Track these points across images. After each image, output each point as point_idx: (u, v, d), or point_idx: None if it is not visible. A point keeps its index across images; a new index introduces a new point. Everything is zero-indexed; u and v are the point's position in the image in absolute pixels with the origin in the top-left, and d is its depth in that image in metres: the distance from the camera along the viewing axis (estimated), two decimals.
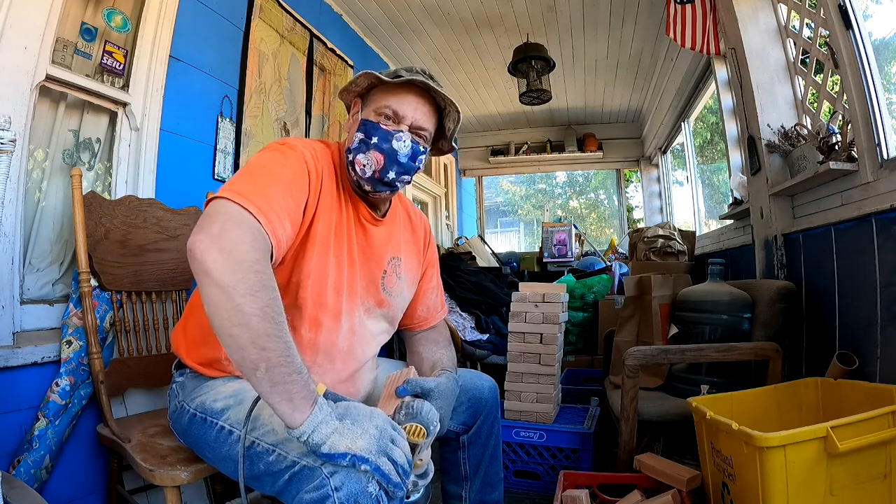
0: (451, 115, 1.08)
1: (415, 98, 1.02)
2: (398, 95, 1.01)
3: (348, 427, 0.74)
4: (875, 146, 1.42)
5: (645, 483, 1.37)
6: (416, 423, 0.82)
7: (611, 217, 11.07)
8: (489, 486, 1.21)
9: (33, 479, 1.16)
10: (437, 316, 1.27)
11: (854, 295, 1.45)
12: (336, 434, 0.73)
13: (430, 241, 1.27)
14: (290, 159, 0.94)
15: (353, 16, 3.03)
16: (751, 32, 1.97)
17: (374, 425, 0.75)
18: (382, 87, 1.03)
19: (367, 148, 0.99)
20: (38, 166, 1.38)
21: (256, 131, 2.13)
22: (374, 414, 0.78)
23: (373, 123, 1.01)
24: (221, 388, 0.98)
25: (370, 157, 0.99)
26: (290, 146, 0.96)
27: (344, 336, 1.04)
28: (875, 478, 1.02)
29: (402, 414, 0.84)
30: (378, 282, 1.10)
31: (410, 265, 1.19)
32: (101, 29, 1.51)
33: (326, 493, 0.72)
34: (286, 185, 0.89)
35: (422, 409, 0.84)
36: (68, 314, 1.30)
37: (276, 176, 0.89)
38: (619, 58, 3.63)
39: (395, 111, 1.00)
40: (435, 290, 1.28)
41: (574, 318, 3.18)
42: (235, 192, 0.81)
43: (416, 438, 0.81)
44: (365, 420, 0.76)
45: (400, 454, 0.75)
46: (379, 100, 1.02)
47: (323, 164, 1.01)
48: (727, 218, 2.52)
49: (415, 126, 1.02)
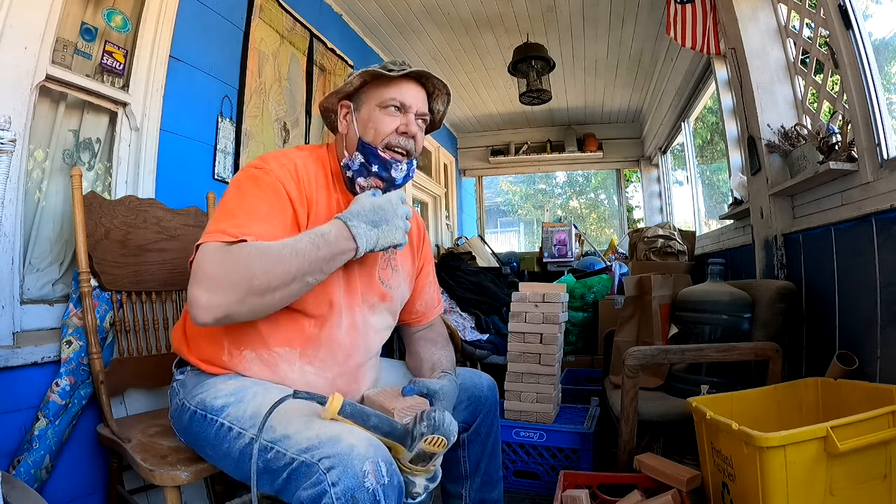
0: (440, 97, 1.14)
1: (415, 88, 1.07)
2: (400, 87, 1.05)
3: (384, 230, 0.93)
4: (875, 146, 1.42)
5: (645, 483, 1.37)
6: (438, 434, 0.83)
7: (611, 217, 11.07)
8: (489, 484, 1.22)
9: (33, 479, 1.16)
10: (435, 311, 1.29)
11: (854, 295, 1.45)
12: (381, 239, 0.92)
13: (424, 238, 1.29)
14: (266, 189, 0.96)
15: (353, 16, 3.03)
16: (751, 32, 1.97)
17: (398, 216, 0.95)
18: (378, 83, 1.06)
19: (368, 174, 1.05)
20: (38, 166, 1.38)
21: (256, 131, 2.13)
22: (396, 210, 0.95)
23: (371, 149, 1.03)
24: (222, 385, 0.98)
25: (370, 182, 1.05)
26: (265, 171, 0.98)
27: (345, 331, 1.05)
28: (875, 478, 1.02)
29: (423, 425, 0.84)
30: (375, 276, 1.11)
31: (405, 260, 1.20)
32: (101, 29, 1.51)
33: (324, 489, 0.72)
34: (265, 217, 0.92)
35: (443, 420, 0.84)
36: (68, 314, 1.30)
37: (253, 211, 0.92)
38: (619, 58, 3.63)
39: (402, 102, 1.04)
40: (431, 285, 1.30)
41: (574, 318, 3.18)
42: (218, 232, 0.87)
43: (436, 448, 0.83)
44: (393, 218, 0.94)
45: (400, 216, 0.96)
46: (379, 94, 1.05)
47: (309, 176, 1.03)
48: (727, 218, 2.52)
49: (419, 113, 1.07)
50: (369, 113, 1.05)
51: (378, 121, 1.04)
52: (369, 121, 1.05)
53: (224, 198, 0.97)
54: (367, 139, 1.04)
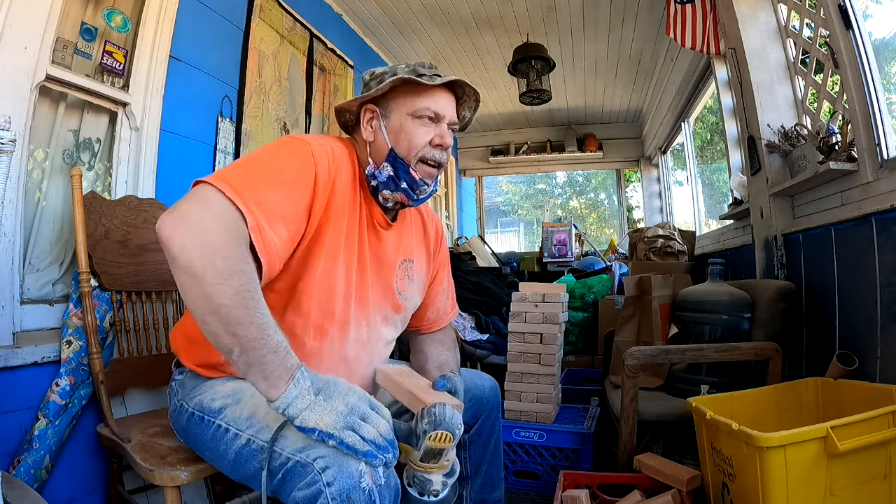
0: (467, 103, 1.09)
1: (447, 96, 1.03)
2: (434, 97, 1.00)
3: (320, 403, 0.75)
4: (875, 146, 1.42)
5: (645, 483, 1.37)
6: (441, 430, 0.83)
7: (611, 217, 11.07)
8: (490, 485, 1.21)
9: (33, 479, 1.16)
10: (447, 318, 1.26)
11: (854, 295, 1.45)
12: (308, 410, 0.75)
13: (442, 243, 1.24)
14: (297, 157, 0.90)
15: (353, 16, 3.03)
16: (751, 32, 1.97)
17: (346, 402, 0.76)
18: (408, 88, 0.99)
19: (396, 188, 1.00)
20: (38, 166, 1.38)
21: (256, 131, 2.13)
22: (352, 391, 0.79)
23: (404, 164, 0.98)
24: (220, 387, 0.98)
25: (396, 196, 1.01)
26: (302, 141, 0.93)
27: (350, 345, 1.02)
28: (875, 478, 1.02)
29: (425, 422, 0.84)
30: (393, 287, 1.08)
31: (420, 268, 1.17)
32: (101, 29, 1.51)
33: (319, 490, 0.72)
34: (286, 187, 0.86)
35: (444, 415, 0.84)
36: (68, 314, 1.30)
37: (276, 175, 0.85)
38: (619, 58, 3.63)
39: (436, 112, 1.00)
40: (445, 292, 1.26)
41: (574, 318, 3.18)
42: (224, 182, 0.79)
43: (442, 444, 0.83)
44: (338, 397, 0.77)
45: (369, 429, 0.75)
46: (412, 102, 0.99)
47: (340, 164, 0.97)
48: (727, 218, 2.52)
49: (451, 123, 1.03)
50: (400, 122, 0.99)
51: (412, 132, 0.98)
52: (401, 131, 0.99)
53: (251, 153, 0.91)
54: (401, 152, 0.98)
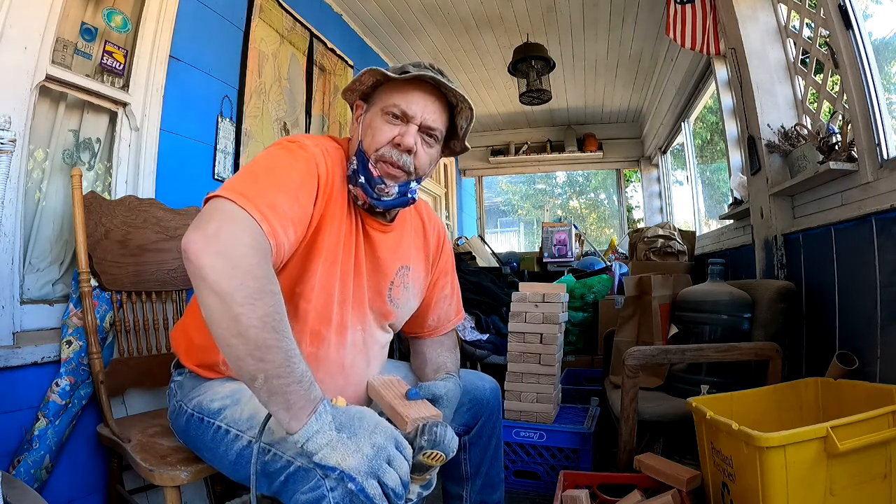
0: (463, 112, 1.00)
1: (424, 96, 0.95)
2: (406, 93, 0.94)
3: (343, 441, 0.70)
4: (875, 146, 1.42)
5: (645, 483, 1.37)
6: (437, 450, 0.81)
7: (611, 217, 11.07)
8: (490, 486, 1.21)
9: (33, 479, 1.16)
10: (450, 325, 1.23)
11: (854, 295, 1.45)
12: (329, 447, 0.70)
13: (444, 249, 1.20)
14: (300, 161, 0.88)
15: (353, 16, 3.03)
16: (751, 32, 1.97)
17: (372, 443, 0.71)
18: (389, 85, 0.96)
19: (356, 183, 0.95)
20: (38, 166, 1.38)
21: (256, 131, 2.13)
22: (378, 429, 0.73)
23: (364, 158, 0.94)
24: (219, 388, 0.97)
25: (358, 192, 0.96)
26: (300, 145, 0.91)
27: (347, 350, 1.00)
28: (875, 478, 1.02)
29: (424, 439, 0.83)
30: (385, 294, 1.06)
31: (418, 275, 1.13)
32: (101, 29, 1.51)
33: (322, 494, 0.72)
34: (293, 191, 0.84)
35: (444, 436, 0.83)
36: (68, 314, 1.30)
37: (282, 179, 0.84)
38: (619, 58, 3.63)
39: (404, 110, 0.93)
40: (448, 298, 1.22)
41: (574, 318, 3.18)
42: (237, 193, 0.77)
43: (433, 462, 0.82)
44: (364, 436, 0.71)
45: (393, 477, 0.70)
46: (386, 98, 0.95)
47: (335, 166, 0.95)
48: (727, 218, 2.52)
49: (424, 125, 0.95)
50: (372, 117, 0.96)
51: (376, 128, 0.95)
52: (369, 126, 0.96)
53: (251, 162, 0.89)
54: (364, 146, 0.95)
